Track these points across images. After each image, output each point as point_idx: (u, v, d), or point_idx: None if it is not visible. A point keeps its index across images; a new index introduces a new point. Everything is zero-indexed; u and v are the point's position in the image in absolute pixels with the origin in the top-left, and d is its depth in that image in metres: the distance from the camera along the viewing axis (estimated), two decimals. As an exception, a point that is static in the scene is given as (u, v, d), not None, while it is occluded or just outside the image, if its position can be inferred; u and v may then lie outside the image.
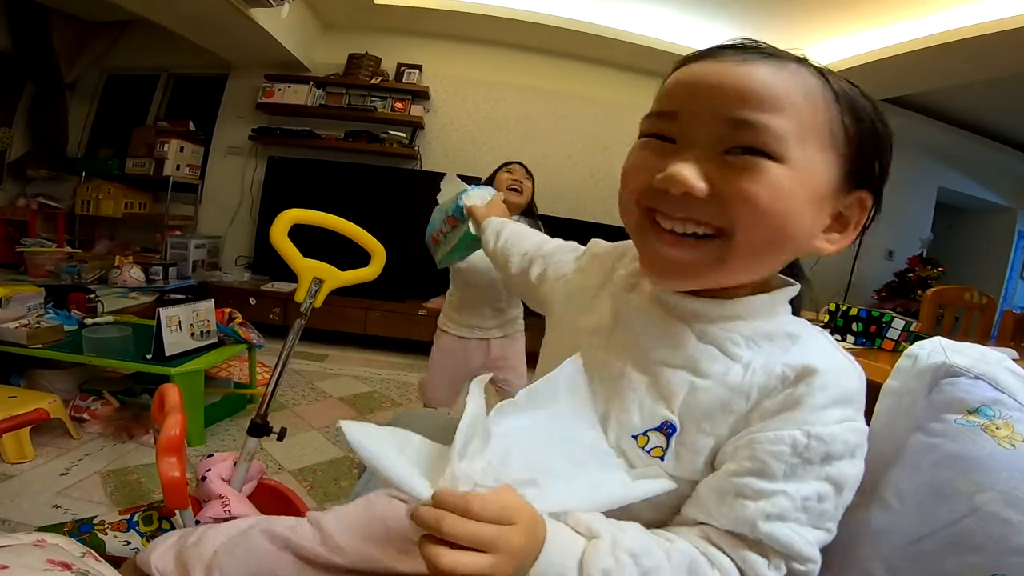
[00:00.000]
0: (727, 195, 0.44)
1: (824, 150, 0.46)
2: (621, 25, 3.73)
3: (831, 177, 0.47)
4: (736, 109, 0.44)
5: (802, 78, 0.45)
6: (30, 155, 4.17)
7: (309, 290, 1.33)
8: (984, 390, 0.50)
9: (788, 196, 0.44)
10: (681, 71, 0.49)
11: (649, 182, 0.47)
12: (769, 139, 0.43)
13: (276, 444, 2.06)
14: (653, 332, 0.54)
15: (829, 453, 0.44)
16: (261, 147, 4.19)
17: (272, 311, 3.69)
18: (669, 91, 0.49)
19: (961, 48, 2.99)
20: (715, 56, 0.47)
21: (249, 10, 3.09)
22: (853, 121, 0.47)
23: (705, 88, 0.45)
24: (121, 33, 4.23)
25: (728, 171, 0.44)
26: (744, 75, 0.44)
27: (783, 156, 0.44)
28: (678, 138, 0.47)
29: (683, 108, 0.46)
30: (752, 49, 0.47)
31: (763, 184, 0.43)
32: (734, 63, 0.45)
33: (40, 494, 1.63)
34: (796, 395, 0.46)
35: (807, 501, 0.44)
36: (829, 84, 0.46)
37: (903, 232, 4.94)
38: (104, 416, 2.08)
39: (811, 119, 0.45)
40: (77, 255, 3.66)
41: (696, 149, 0.45)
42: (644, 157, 0.49)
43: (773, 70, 0.45)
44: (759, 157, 0.43)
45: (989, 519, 0.46)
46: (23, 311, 2.12)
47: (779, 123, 0.43)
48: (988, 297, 2.19)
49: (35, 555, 0.62)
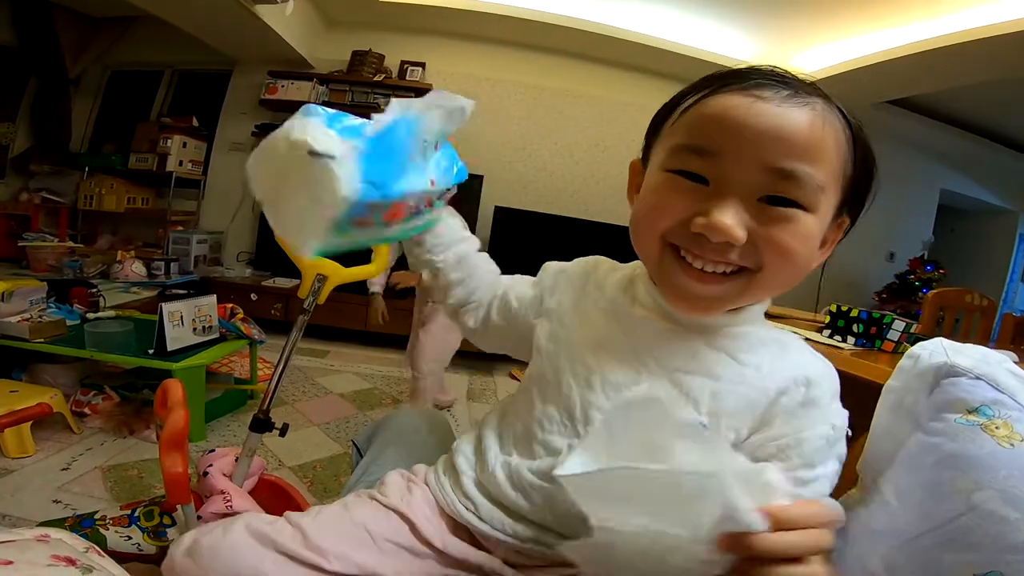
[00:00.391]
0: (762, 243, 0.47)
1: (838, 191, 0.49)
2: (624, 24, 3.73)
3: (834, 211, 0.51)
4: (782, 159, 0.44)
5: (834, 124, 0.47)
6: (33, 150, 4.18)
7: (312, 286, 1.33)
8: (984, 390, 0.51)
9: (809, 241, 0.48)
10: (717, 103, 0.47)
11: (679, 223, 0.48)
12: (808, 192, 0.45)
13: (276, 440, 2.07)
14: (665, 342, 0.56)
15: (839, 438, 0.52)
16: (264, 144, 4.19)
17: (273, 307, 3.70)
18: (705, 126, 0.48)
19: (965, 50, 2.99)
20: (754, 92, 0.46)
21: (254, 6, 3.10)
22: (859, 159, 0.50)
23: (751, 132, 0.45)
24: (126, 29, 4.23)
25: (765, 220, 0.46)
26: (792, 123, 0.44)
27: (815, 207, 0.47)
28: (713, 180, 0.47)
29: (725, 149, 0.46)
30: (791, 86, 0.47)
31: (797, 235, 0.47)
32: (777, 105, 0.45)
33: (41, 489, 1.63)
34: (811, 395, 0.52)
35: (832, 479, 0.51)
36: (849, 125, 0.49)
37: (904, 234, 4.94)
38: (105, 411, 2.08)
39: (838, 166, 0.48)
40: (79, 250, 3.66)
41: (734, 195, 0.46)
42: (675, 198, 0.49)
43: (814, 116, 0.45)
44: (795, 209, 0.46)
45: (987, 517, 0.46)
46: (25, 305, 2.12)
47: (818, 175, 0.45)
48: (989, 300, 2.19)
49: (39, 550, 0.62)
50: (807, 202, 0.46)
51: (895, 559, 0.51)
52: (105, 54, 4.30)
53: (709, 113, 0.47)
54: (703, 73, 0.51)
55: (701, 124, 0.48)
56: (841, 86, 3.84)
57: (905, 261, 4.65)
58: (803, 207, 0.46)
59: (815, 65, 3.87)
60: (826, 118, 0.46)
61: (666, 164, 0.50)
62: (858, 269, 4.85)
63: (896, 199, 4.87)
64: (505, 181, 4.19)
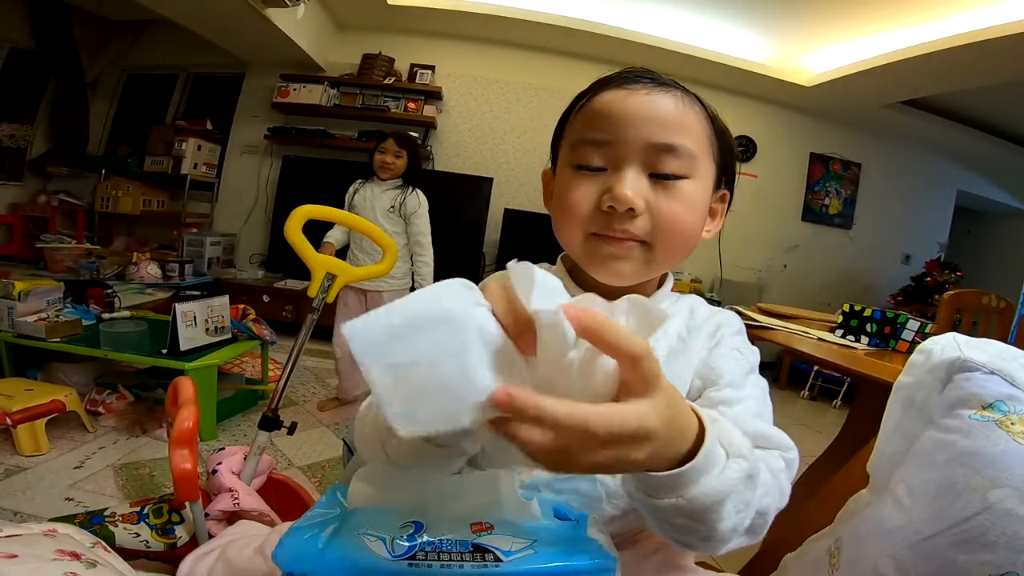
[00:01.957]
0: (654, 212, 0.54)
1: (709, 162, 0.58)
2: (635, 27, 3.72)
3: (712, 182, 0.59)
4: (658, 135, 0.53)
5: (693, 106, 0.56)
6: (51, 153, 4.25)
7: (322, 285, 1.34)
8: (1000, 385, 0.49)
9: (695, 206, 0.56)
10: (599, 100, 0.56)
11: (593, 208, 0.56)
12: (684, 160, 0.54)
13: (286, 440, 2.09)
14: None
15: (750, 363, 0.60)
16: (276, 146, 4.23)
17: (285, 308, 3.72)
18: (593, 120, 0.56)
19: (981, 50, 2.95)
20: (626, 86, 0.55)
21: (265, 10, 3.14)
22: (718, 133, 0.59)
23: (630, 117, 0.54)
24: (141, 32, 4.31)
25: (656, 192, 0.54)
26: (660, 106, 0.54)
27: (693, 173, 0.55)
28: (609, 165, 0.55)
29: (612, 135, 0.54)
30: (656, 80, 0.56)
31: (682, 202, 0.55)
32: (647, 94, 0.54)
33: (53, 487, 1.64)
34: (720, 335, 0.62)
35: (759, 401, 0.56)
36: (703, 105, 0.58)
37: (920, 236, 4.86)
38: (119, 410, 2.10)
39: (704, 139, 0.57)
40: (96, 251, 3.72)
41: (629, 172, 0.54)
42: (583, 187, 0.57)
43: (676, 100, 0.55)
44: (678, 180, 0.55)
45: (1003, 516, 0.45)
46: (42, 305, 2.15)
47: (689, 144, 0.54)
48: (1006, 301, 2.14)
49: (45, 544, 0.63)
50: (686, 171, 0.54)
51: (907, 560, 0.50)
52: (121, 57, 4.39)
53: (595, 108, 0.56)
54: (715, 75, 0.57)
55: (590, 119, 0.57)
56: (853, 87, 3.80)
57: (921, 263, 4.58)
58: (684, 176, 0.55)
59: (826, 66, 3.83)
60: (686, 101, 0.55)
61: (570, 161, 0.58)
62: (873, 272, 4.79)
63: (911, 200, 4.80)
64: (515, 184, 4.20)
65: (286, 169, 4.15)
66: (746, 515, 0.42)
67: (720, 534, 0.40)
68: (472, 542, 0.41)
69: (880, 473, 0.58)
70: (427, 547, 0.41)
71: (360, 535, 0.41)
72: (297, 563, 0.41)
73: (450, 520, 0.43)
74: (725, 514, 0.39)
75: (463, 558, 0.41)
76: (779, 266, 4.65)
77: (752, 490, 0.41)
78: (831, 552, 0.59)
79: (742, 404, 0.54)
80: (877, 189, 4.73)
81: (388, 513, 0.43)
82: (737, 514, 0.40)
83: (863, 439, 0.65)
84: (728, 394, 0.55)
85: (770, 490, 0.47)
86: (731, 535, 0.41)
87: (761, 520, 0.46)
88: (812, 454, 1.59)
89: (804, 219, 4.65)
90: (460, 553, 0.41)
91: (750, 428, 0.51)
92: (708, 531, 0.40)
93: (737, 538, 0.43)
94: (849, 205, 4.73)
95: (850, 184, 4.71)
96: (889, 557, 0.51)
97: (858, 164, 4.69)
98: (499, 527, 0.43)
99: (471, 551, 0.41)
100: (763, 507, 0.45)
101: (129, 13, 3.91)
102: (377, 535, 0.41)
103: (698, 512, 0.38)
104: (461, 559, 0.40)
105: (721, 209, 0.63)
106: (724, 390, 0.56)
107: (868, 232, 4.76)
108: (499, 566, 0.41)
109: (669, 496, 0.37)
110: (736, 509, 0.40)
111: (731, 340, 0.61)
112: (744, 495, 0.40)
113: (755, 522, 0.45)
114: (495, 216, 3.89)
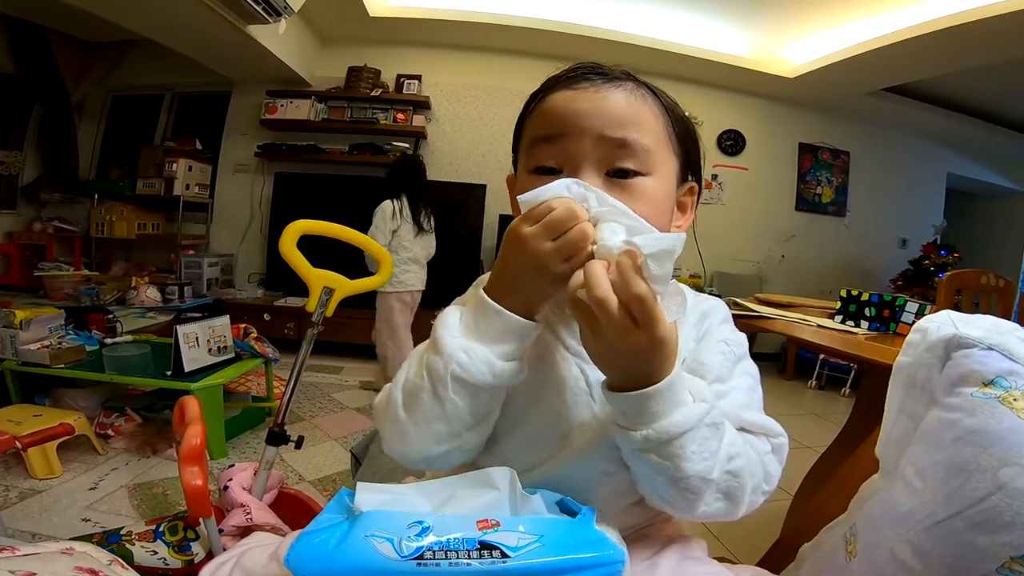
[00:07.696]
0: None
1: (669, 155, 0.57)
2: (617, 27, 3.74)
3: (675, 176, 0.58)
4: (609, 130, 0.52)
5: (645, 98, 0.55)
6: (43, 179, 4.24)
7: (320, 299, 1.34)
8: (998, 360, 0.49)
9: (658, 202, 0.55)
10: (550, 100, 0.56)
11: None
12: (640, 156, 0.53)
13: (296, 455, 2.09)
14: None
15: (739, 353, 0.59)
16: (267, 163, 4.24)
17: (287, 326, 3.73)
18: (545, 119, 0.56)
19: (959, 34, 2.96)
20: (576, 84, 0.55)
21: (247, 27, 3.13)
22: (678, 124, 0.58)
23: (580, 114, 0.53)
24: (123, 53, 4.28)
25: (613, 192, 0.51)
26: (610, 101, 0.53)
27: (652, 169, 0.54)
28: (565, 165, 0.54)
29: (565, 132, 0.53)
30: (606, 74, 0.55)
31: (642, 199, 0.53)
32: (596, 91, 0.54)
33: (69, 508, 1.65)
34: (706, 325, 0.60)
35: (747, 391, 0.57)
36: (659, 97, 0.57)
37: (915, 220, 4.89)
38: (128, 432, 2.11)
39: (659, 131, 0.55)
40: (95, 277, 3.71)
41: (584, 170, 0.53)
42: None
43: (627, 93, 0.54)
44: (636, 177, 0.53)
45: (1016, 496, 0.44)
46: (44, 333, 2.16)
47: (643, 139, 0.53)
48: (1006, 280, 2.14)
49: (63, 562, 0.63)
50: (643, 167, 0.53)
51: (924, 544, 0.49)
52: (105, 78, 4.36)
53: (546, 108, 0.56)
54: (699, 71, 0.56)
55: (542, 118, 0.56)
56: (835, 76, 3.82)
57: (918, 247, 4.60)
58: (641, 173, 0.53)
59: (807, 57, 3.85)
60: (637, 94, 0.55)
61: (528, 164, 0.58)
62: (871, 258, 4.81)
63: (902, 185, 4.83)
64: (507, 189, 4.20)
65: (279, 186, 4.16)
66: (712, 464, 0.46)
67: (687, 477, 0.45)
68: (479, 539, 0.42)
69: (889, 456, 0.58)
70: (434, 547, 0.41)
71: (368, 537, 0.42)
72: (308, 566, 0.42)
73: (456, 519, 0.44)
74: (690, 452, 0.45)
75: (470, 556, 0.41)
76: (777, 257, 4.66)
77: (717, 439, 0.47)
78: (847, 539, 0.58)
79: (729, 396, 0.55)
80: (868, 176, 4.76)
81: (395, 515, 0.44)
82: (704, 461, 0.45)
83: (872, 424, 0.64)
84: (715, 388, 0.55)
85: (749, 462, 0.50)
86: (701, 485, 0.46)
87: (736, 483, 0.49)
88: (824, 444, 1.59)
89: (798, 209, 4.68)
90: (467, 551, 0.41)
91: (738, 419, 0.53)
92: (674, 470, 0.45)
93: (710, 494, 0.47)
94: (841, 193, 4.76)
95: (840, 172, 4.74)
96: (905, 542, 0.50)
97: (847, 152, 4.72)
98: (505, 523, 0.44)
99: (478, 548, 0.42)
100: (735, 468, 0.48)
101: (109, 34, 3.88)
102: (385, 536, 0.42)
103: (664, 445, 0.44)
104: (468, 557, 0.41)
105: (691, 202, 0.62)
106: (712, 385, 0.55)
107: (863, 219, 4.79)
108: (506, 562, 0.41)
109: (642, 427, 0.44)
110: (702, 455, 0.45)
111: (717, 331, 0.60)
112: (709, 442, 0.46)
113: (729, 484, 0.48)
114: (491, 222, 3.90)
